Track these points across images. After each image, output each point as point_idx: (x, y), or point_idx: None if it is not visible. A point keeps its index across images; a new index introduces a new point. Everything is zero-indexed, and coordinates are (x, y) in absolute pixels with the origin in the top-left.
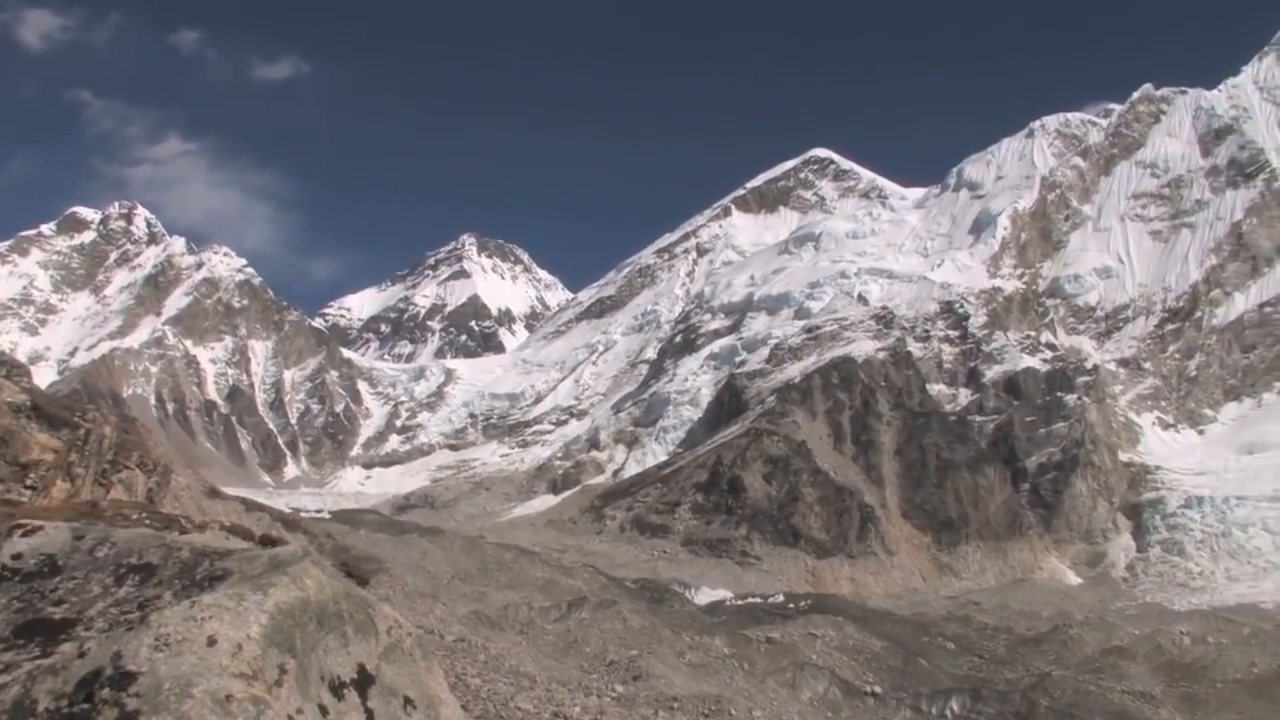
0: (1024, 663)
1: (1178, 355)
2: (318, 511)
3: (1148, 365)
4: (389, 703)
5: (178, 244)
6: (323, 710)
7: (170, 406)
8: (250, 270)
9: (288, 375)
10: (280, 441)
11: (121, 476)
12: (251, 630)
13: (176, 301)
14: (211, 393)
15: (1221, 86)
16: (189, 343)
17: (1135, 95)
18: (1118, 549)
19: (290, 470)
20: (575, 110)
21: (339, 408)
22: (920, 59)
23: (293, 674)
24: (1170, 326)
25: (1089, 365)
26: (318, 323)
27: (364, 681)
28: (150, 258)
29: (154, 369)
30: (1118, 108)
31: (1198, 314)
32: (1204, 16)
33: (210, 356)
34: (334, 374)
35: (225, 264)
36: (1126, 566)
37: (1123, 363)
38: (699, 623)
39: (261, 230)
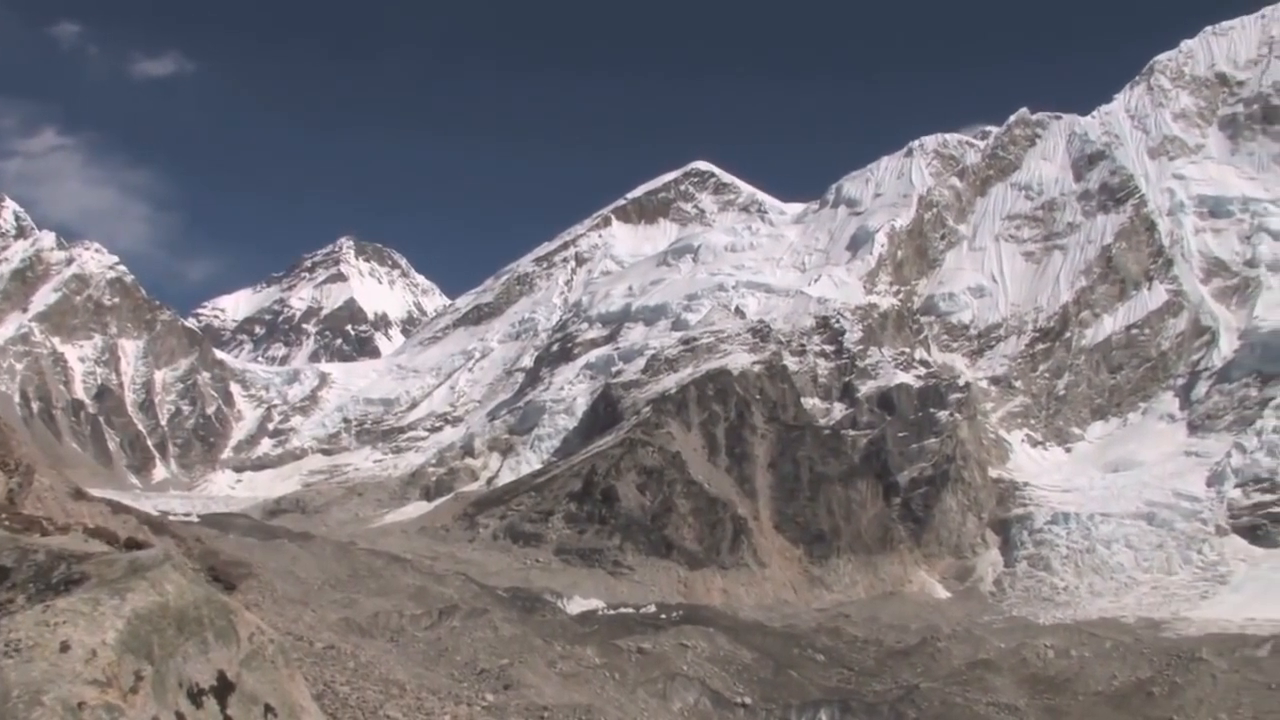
0: (893, 675)
1: (1047, 374)
2: (186, 515)
3: (1018, 383)
4: (249, 710)
5: (47, 238)
6: (180, 718)
7: (35, 405)
8: (122, 268)
9: (158, 375)
10: (149, 443)
11: None
12: (107, 636)
13: (44, 297)
14: (79, 392)
15: (1095, 113)
16: (56, 340)
17: (1012, 118)
18: (986, 564)
19: (159, 472)
20: (456, 117)
21: (210, 410)
22: (802, 76)
23: (149, 681)
24: (1041, 346)
25: (961, 382)
26: (191, 323)
27: (224, 689)
28: (18, 252)
29: (19, 366)
30: (994, 130)
31: (1067, 334)
32: (1079, 45)
33: (78, 355)
34: (206, 375)
35: (96, 260)
36: (994, 581)
37: (994, 380)
38: (571, 632)
39: (137, 229)
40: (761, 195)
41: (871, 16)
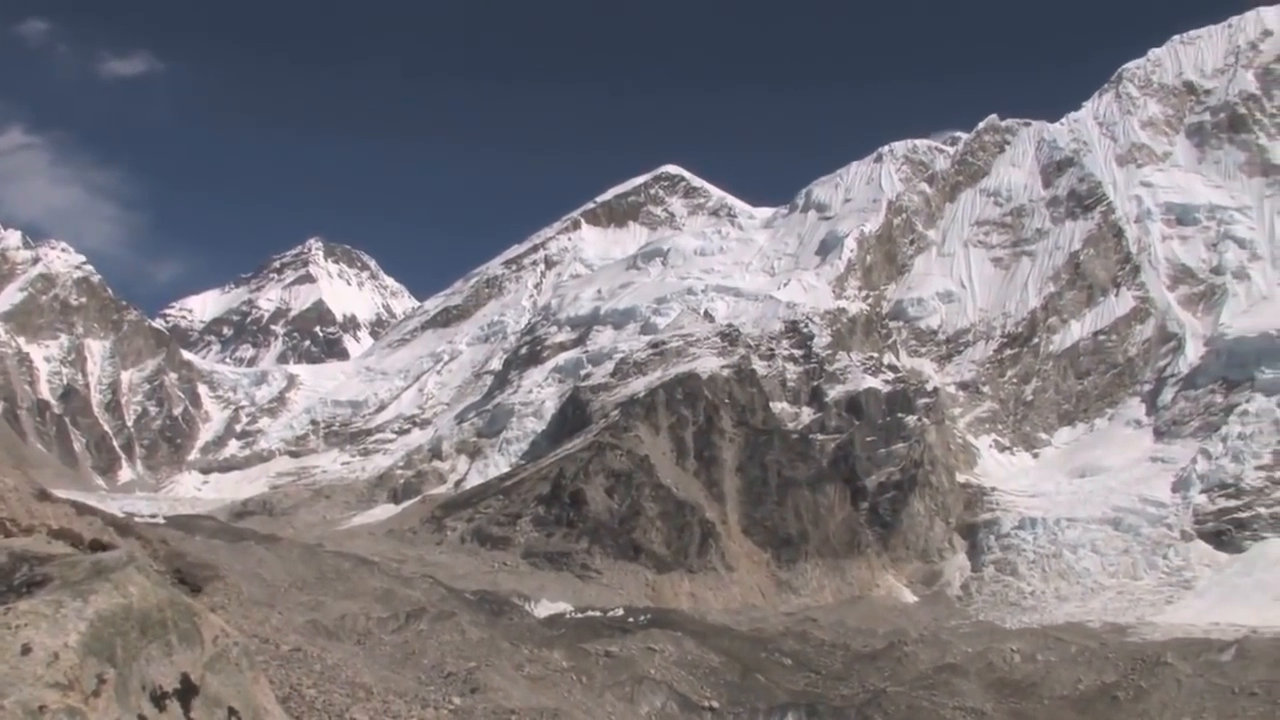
0: (860, 679)
1: (1015, 380)
2: (152, 516)
3: (986, 389)
4: (213, 713)
5: (13, 237)
6: None
7: (0, 405)
8: (89, 267)
9: (125, 376)
10: (115, 444)
11: None
12: (69, 638)
13: (10, 297)
14: (44, 392)
15: (1063, 120)
16: (22, 340)
17: (981, 125)
18: (953, 568)
19: (125, 473)
20: (426, 121)
21: (177, 411)
22: (773, 81)
23: (112, 684)
24: (1009, 352)
25: (929, 387)
26: (158, 323)
27: (187, 692)
28: None
29: None
30: (964, 136)
31: (1035, 340)
32: (1048, 52)
33: (44, 354)
34: (173, 376)
35: (63, 260)
36: (961, 585)
37: (962, 386)
38: (538, 635)
39: (104, 229)
40: (731, 199)
41: (842, 23)
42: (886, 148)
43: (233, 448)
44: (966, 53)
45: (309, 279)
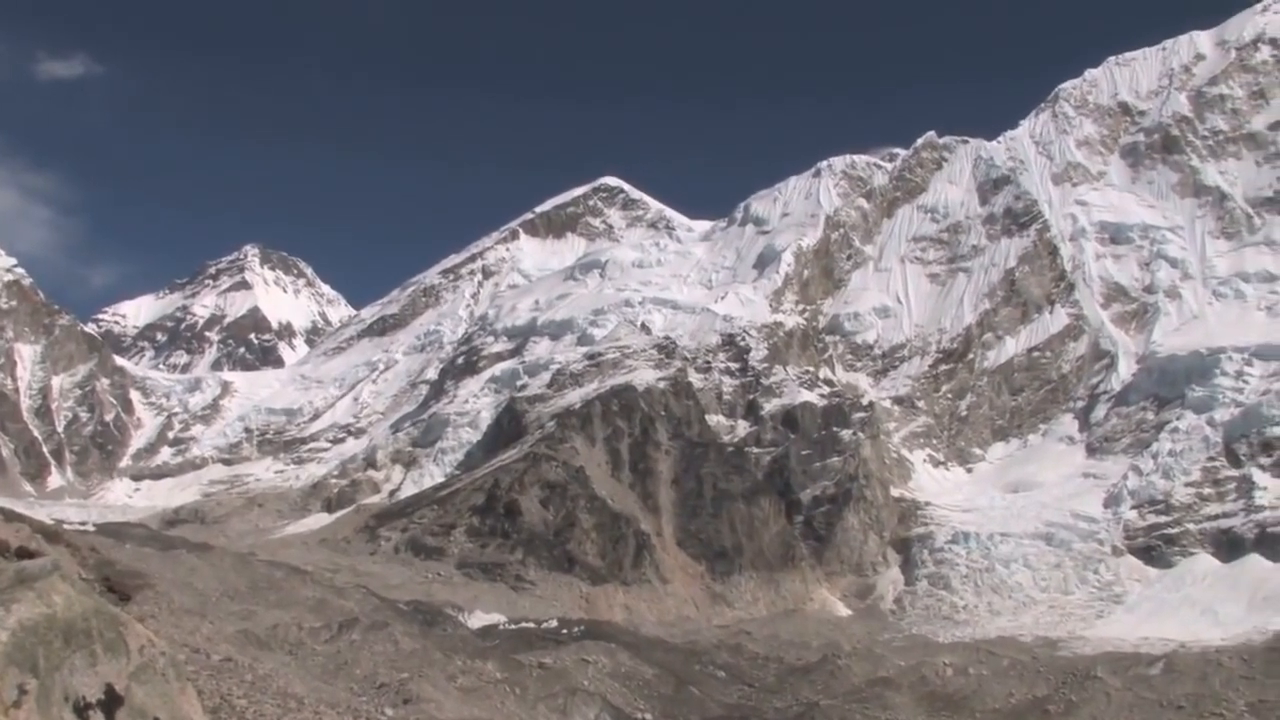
0: (793, 692)
1: (950, 395)
2: (82, 524)
3: (921, 404)
4: None
5: None
6: None
7: None
8: (20, 270)
9: (56, 381)
10: (45, 450)
11: None
12: None
13: None
14: None
15: (1000, 138)
16: None
17: (919, 141)
18: (886, 582)
19: (55, 480)
20: (365, 131)
21: (109, 417)
22: (712, 95)
23: (33, 694)
24: (944, 367)
25: (865, 402)
26: (91, 328)
27: (111, 702)
28: None
29: None
30: (902, 153)
31: (970, 356)
32: (986, 71)
33: None
34: (105, 382)
35: None
36: (895, 599)
37: (897, 400)
38: (471, 647)
39: (38, 233)
40: (670, 212)
41: (782, 39)
42: (825, 163)
43: (165, 455)
44: (905, 70)
45: (245, 285)
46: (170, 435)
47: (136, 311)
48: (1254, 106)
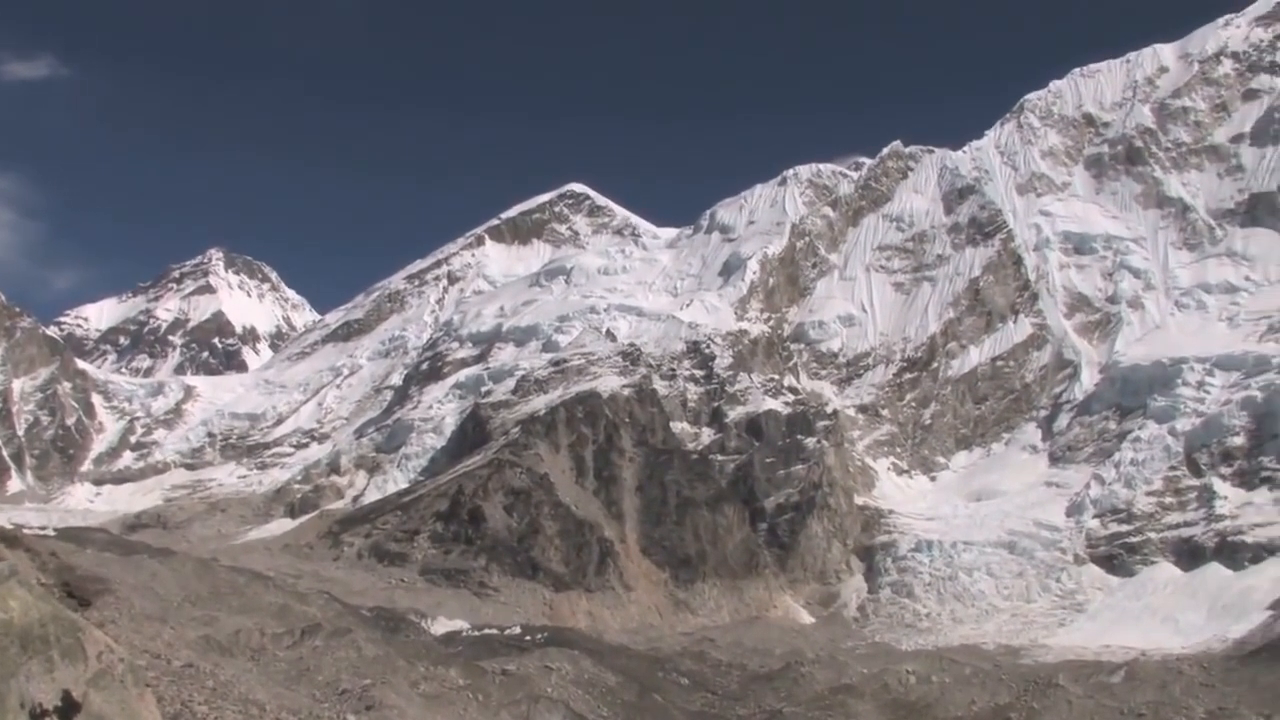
0: (756, 699)
1: (914, 404)
2: (42, 528)
3: (885, 412)
4: None
5: None
6: None
7: None
8: None
9: (17, 384)
10: (5, 453)
11: None
12: None
13: None
14: None
15: (966, 148)
16: None
17: (885, 151)
18: (850, 590)
19: (15, 484)
20: (332, 135)
21: (70, 420)
22: (679, 103)
23: None
24: (908, 376)
25: (829, 410)
26: (52, 331)
27: (69, 709)
28: None
29: None
30: (868, 162)
31: (934, 365)
32: (952, 81)
33: None
34: (67, 385)
35: None
36: (858, 607)
37: (861, 409)
38: (434, 653)
39: (0, 236)
40: (635, 219)
41: (750, 49)
42: (791, 171)
43: (127, 459)
44: (872, 80)
45: (209, 289)
46: (132, 439)
47: (99, 314)
48: (1216, 119)
